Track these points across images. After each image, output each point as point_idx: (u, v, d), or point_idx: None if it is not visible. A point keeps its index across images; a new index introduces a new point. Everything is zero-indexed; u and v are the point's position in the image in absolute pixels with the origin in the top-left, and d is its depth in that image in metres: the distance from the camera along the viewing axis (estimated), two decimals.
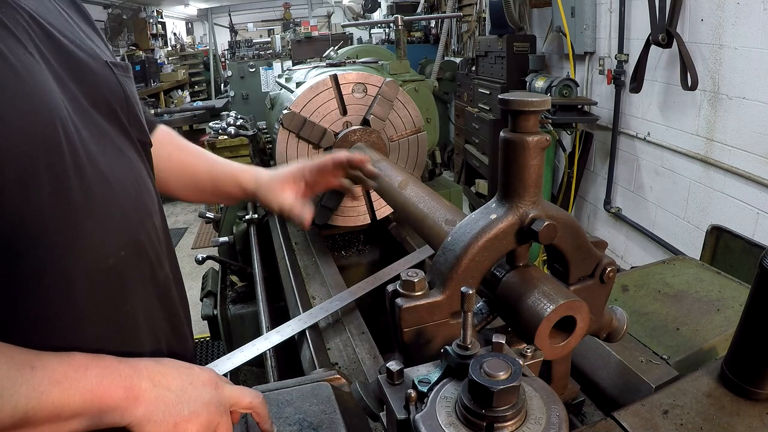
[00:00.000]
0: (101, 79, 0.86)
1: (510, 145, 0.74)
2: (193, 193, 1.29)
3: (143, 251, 0.89)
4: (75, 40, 0.85)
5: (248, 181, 1.28)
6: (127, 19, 12.09)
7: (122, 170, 0.86)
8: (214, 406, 0.78)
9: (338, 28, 11.67)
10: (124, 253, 0.83)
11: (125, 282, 0.84)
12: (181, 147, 1.27)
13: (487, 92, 5.33)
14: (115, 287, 0.82)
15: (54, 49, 0.78)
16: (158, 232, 0.96)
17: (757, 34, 2.72)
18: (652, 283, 1.25)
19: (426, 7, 8.11)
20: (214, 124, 2.41)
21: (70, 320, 0.77)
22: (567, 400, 0.93)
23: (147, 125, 1.11)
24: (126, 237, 0.84)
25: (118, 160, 0.86)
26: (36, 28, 0.76)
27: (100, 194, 0.79)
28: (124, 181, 0.86)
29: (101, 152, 0.81)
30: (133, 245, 0.85)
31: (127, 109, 0.92)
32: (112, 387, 0.70)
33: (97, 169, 0.79)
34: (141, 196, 0.91)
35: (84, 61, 0.84)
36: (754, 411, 0.73)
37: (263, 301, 1.60)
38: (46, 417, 0.65)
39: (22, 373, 0.64)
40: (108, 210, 0.80)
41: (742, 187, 2.94)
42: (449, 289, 0.75)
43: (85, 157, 0.76)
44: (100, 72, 0.87)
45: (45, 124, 0.71)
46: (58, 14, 0.85)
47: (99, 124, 0.84)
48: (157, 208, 0.99)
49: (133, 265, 0.85)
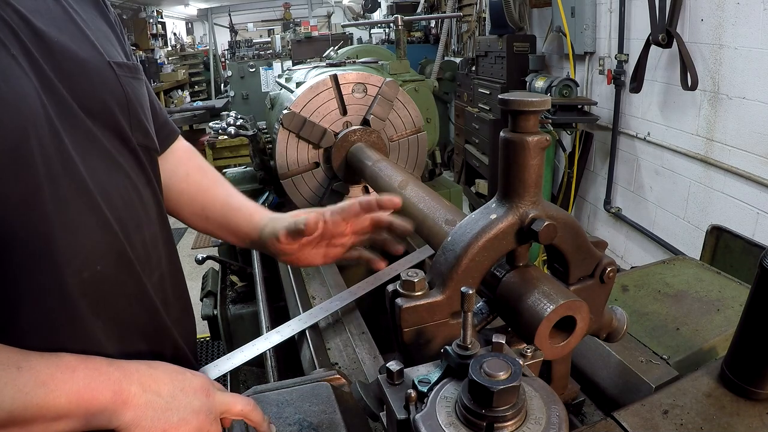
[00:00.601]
0: (99, 80, 0.83)
1: (510, 145, 0.74)
2: (200, 221, 1.16)
3: (128, 263, 0.84)
4: (75, 40, 0.81)
5: (262, 215, 1.12)
6: (127, 19, 12.10)
7: (109, 180, 0.82)
8: (204, 414, 0.76)
9: (338, 28, 11.67)
10: (100, 268, 0.79)
11: (101, 297, 0.80)
12: (202, 169, 1.17)
13: (487, 92, 5.33)
14: (89, 303, 0.78)
15: (45, 51, 0.75)
16: (150, 244, 0.91)
17: (757, 34, 2.72)
18: (652, 283, 1.25)
19: (426, 7, 8.10)
20: (214, 124, 2.41)
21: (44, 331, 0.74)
22: (567, 400, 0.93)
23: (165, 134, 1.06)
24: (104, 249, 0.80)
25: (107, 169, 0.82)
26: (25, 28, 0.73)
27: (77, 206, 0.75)
28: (110, 191, 0.82)
29: (86, 161, 0.78)
30: (114, 258, 0.81)
31: (128, 112, 0.88)
32: (100, 390, 0.69)
33: (75, 179, 0.75)
34: (130, 207, 0.86)
35: (81, 62, 0.80)
36: (754, 411, 0.73)
37: (263, 301, 1.60)
38: (32, 417, 0.64)
39: (7, 372, 0.64)
40: (85, 222, 0.77)
41: (742, 187, 2.94)
42: (449, 289, 0.75)
43: (62, 168, 0.73)
44: (99, 73, 0.83)
45: (14, 134, 0.67)
46: (60, 13, 0.81)
47: (88, 130, 0.80)
48: (153, 218, 0.94)
49: (113, 278, 0.81)
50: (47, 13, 0.79)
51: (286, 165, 1.71)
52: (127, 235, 0.83)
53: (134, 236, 0.86)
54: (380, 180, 1.40)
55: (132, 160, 0.89)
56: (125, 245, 0.83)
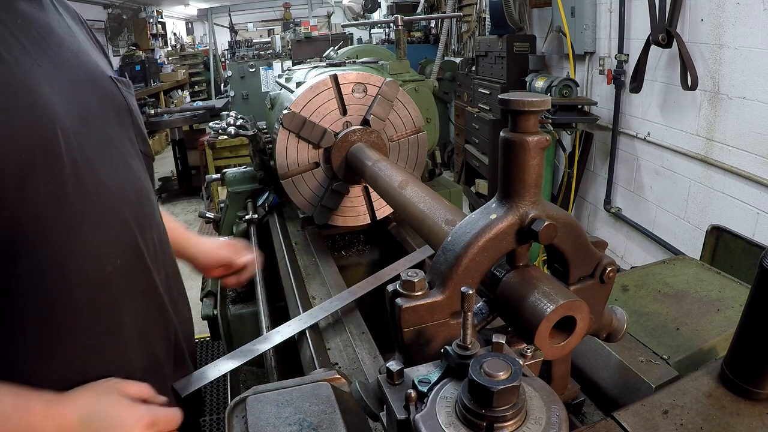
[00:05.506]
0: (108, 91, 0.91)
1: (510, 145, 0.74)
2: None
3: (141, 260, 0.90)
4: (83, 54, 0.89)
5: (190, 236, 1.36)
6: (127, 19, 12.09)
7: (126, 180, 0.89)
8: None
9: (338, 28, 11.67)
10: (121, 262, 0.85)
11: (121, 290, 0.85)
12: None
13: (487, 92, 5.33)
14: (111, 294, 0.84)
15: (66, 63, 0.83)
16: (157, 243, 0.98)
17: (757, 34, 2.72)
18: (652, 283, 1.25)
19: (426, 7, 8.11)
20: (214, 124, 2.40)
21: (67, 321, 0.79)
22: (567, 400, 0.93)
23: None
24: (124, 245, 0.86)
25: (123, 170, 0.90)
26: (49, 40, 0.81)
27: (100, 202, 0.82)
28: (127, 190, 0.89)
29: (105, 162, 0.85)
30: (131, 253, 0.87)
31: (131, 122, 0.96)
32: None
33: (97, 178, 0.82)
34: (143, 206, 0.93)
35: (92, 74, 0.88)
36: (754, 411, 0.73)
37: (263, 301, 1.60)
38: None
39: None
40: (107, 218, 0.83)
41: (742, 187, 2.94)
42: (449, 289, 0.75)
43: (85, 167, 0.80)
44: (106, 85, 0.91)
45: (46, 133, 0.74)
46: (67, 30, 0.90)
47: (105, 135, 0.87)
48: (158, 220, 1.01)
49: (129, 273, 0.87)
50: (61, 29, 0.87)
51: (286, 165, 1.71)
52: (141, 232, 0.90)
53: (146, 234, 0.92)
54: (380, 180, 1.40)
55: (139, 164, 0.97)
56: (139, 242, 0.89)
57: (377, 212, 1.87)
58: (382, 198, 1.52)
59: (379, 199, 1.83)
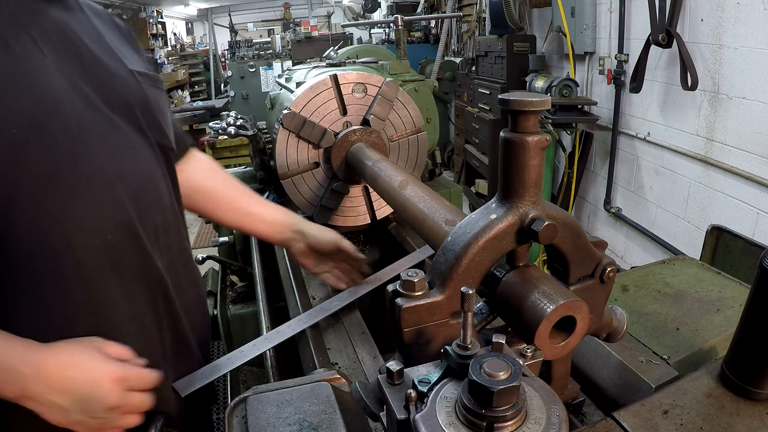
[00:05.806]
0: (121, 83, 0.98)
1: (510, 145, 0.74)
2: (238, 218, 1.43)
3: (136, 239, 0.95)
4: (102, 50, 0.98)
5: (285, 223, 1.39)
6: (127, 19, 12.08)
7: (126, 165, 0.95)
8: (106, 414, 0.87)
9: (338, 28, 11.66)
10: (111, 237, 0.90)
11: (108, 263, 0.91)
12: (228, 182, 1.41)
13: (487, 92, 5.33)
14: (98, 267, 0.89)
15: (74, 56, 0.90)
16: (161, 227, 1.02)
17: (757, 34, 2.72)
18: (652, 283, 1.25)
19: (426, 7, 8.11)
20: (214, 124, 2.40)
21: (56, 292, 0.86)
22: (567, 400, 0.93)
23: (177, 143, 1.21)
24: (117, 224, 0.91)
25: (125, 156, 0.96)
26: (61, 36, 0.89)
27: (95, 183, 0.89)
28: (126, 174, 0.94)
29: (106, 147, 0.91)
30: (123, 232, 0.92)
31: (147, 113, 1.02)
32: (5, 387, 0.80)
33: (95, 160, 0.89)
34: (144, 191, 0.98)
35: (105, 67, 0.96)
36: (754, 411, 0.73)
37: (263, 301, 1.60)
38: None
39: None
40: (101, 196, 0.90)
41: (742, 187, 2.94)
42: (449, 289, 0.75)
43: (84, 150, 0.87)
44: (121, 77, 0.99)
45: (41, 113, 0.81)
46: (91, 30, 0.99)
47: (111, 122, 0.94)
48: (167, 205, 1.06)
49: (119, 249, 0.92)
50: (81, 29, 0.95)
51: (286, 165, 1.71)
52: (139, 215, 0.95)
53: (146, 217, 0.98)
54: (380, 180, 1.40)
55: (149, 153, 1.02)
56: (135, 222, 0.94)
57: (377, 212, 1.87)
58: (382, 198, 1.52)
59: (379, 199, 1.82)
